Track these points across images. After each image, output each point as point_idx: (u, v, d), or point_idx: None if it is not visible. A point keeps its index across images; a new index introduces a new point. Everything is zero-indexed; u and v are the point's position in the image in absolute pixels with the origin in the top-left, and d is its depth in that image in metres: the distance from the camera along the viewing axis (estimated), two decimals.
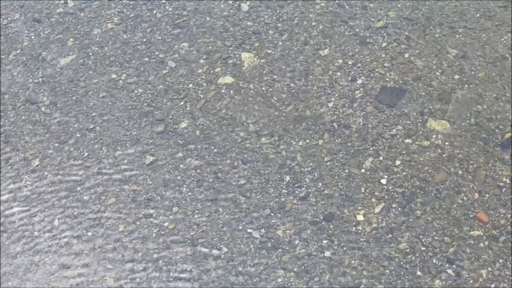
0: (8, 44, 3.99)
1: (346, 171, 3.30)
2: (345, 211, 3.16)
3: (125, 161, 3.40)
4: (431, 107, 3.48)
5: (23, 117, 3.60)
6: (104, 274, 2.98)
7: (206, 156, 3.41)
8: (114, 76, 3.79)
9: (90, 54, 3.91)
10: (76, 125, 3.56)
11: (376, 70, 3.70)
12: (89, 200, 3.25)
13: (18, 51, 3.95)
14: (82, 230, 3.13)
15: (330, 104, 3.57)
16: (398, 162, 3.30)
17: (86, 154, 3.44)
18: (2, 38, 4.06)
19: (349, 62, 3.75)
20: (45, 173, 3.36)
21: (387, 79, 3.65)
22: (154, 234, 3.12)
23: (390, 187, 3.22)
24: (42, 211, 3.20)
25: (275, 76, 3.73)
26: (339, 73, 3.71)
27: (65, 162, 3.40)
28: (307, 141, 3.43)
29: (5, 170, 3.36)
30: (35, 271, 2.98)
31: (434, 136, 3.37)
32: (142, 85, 3.73)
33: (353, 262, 2.99)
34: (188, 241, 3.09)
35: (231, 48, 3.88)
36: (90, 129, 3.55)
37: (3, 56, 3.91)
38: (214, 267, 2.99)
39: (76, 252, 3.05)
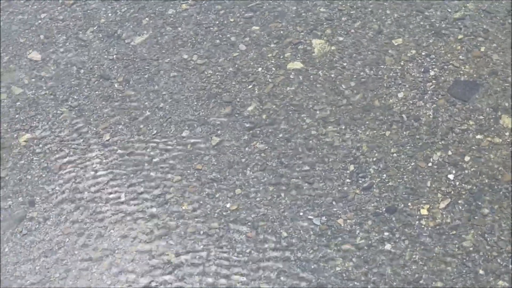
0: (85, 21, 4.10)
1: (413, 164, 3.25)
2: (409, 204, 3.11)
3: (191, 141, 3.45)
4: (505, 104, 3.37)
5: (96, 92, 3.71)
6: (166, 249, 3.05)
7: (271, 141, 3.42)
8: (185, 56, 3.84)
9: (164, 33, 3.98)
10: (146, 103, 3.64)
11: (450, 62, 3.60)
12: (155, 176, 3.32)
13: (95, 28, 4.06)
14: (147, 205, 3.21)
15: (400, 95, 3.51)
16: (467, 158, 3.22)
17: (155, 131, 3.51)
18: (80, 14, 4.18)
19: (423, 53, 3.67)
20: (115, 147, 3.45)
21: (461, 72, 3.55)
22: (216, 214, 3.16)
23: (458, 183, 3.14)
24: (110, 185, 3.30)
25: (345, 64, 3.69)
26: (411, 64, 3.64)
27: (134, 138, 3.48)
28: (374, 131, 3.39)
29: (77, 143, 3.47)
30: (101, 242, 3.08)
31: (507, 133, 3.26)
32: (212, 67, 3.77)
33: (414, 256, 2.95)
34: (249, 224, 3.12)
35: (302, 33, 3.87)
36: (160, 107, 3.62)
37: (81, 32, 4.03)
38: (273, 251, 3.01)
39: (140, 226, 3.13)
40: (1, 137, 3.50)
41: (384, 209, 3.11)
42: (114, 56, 3.89)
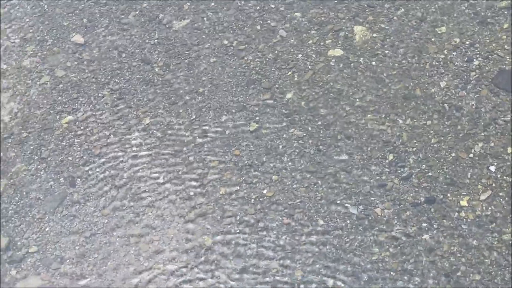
0: (128, 5, 4.13)
1: (453, 154, 3.20)
2: (449, 195, 3.07)
3: (230, 126, 3.46)
4: None
5: (137, 76, 3.74)
6: (202, 232, 3.07)
7: (309, 128, 3.40)
8: (225, 42, 3.84)
9: (205, 19, 3.98)
10: (186, 88, 3.66)
11: (495, 52, 3.52)
12: (193, 161, 3.34)
13: (137, 12, 4.09)
14: (185, 189, 3.24)
15: (443, 84, 3.45)
16: (510, 150, 3.15)
17: (194, 116, 3.53)
18: None
19: (467, 42, 3.60)
20: (154, 131, 3.49)
21: (506, 62, 3.47)
22: (252, 200, 3.17)
23: (499, 175, 3.08)
24: (149, 168, 3.33)
25: (387, 52, 3.64)
26: (454, 53, 3.57)
27: (173, 122, 3.51)
28: (415, 120, 3.35)
29: (118, 126, 3.52)
30: (138, 223, 3.13)
31: None
32: (252, 53, 3.77)
33: (452, 248, 2.91)
34: (286, 210, 3.12)
35: (343, 20, 3.83)
36: (199, 92, 3.63)
37: (123, 16, 4.07)
38: (309, 238, 3.01)
39: (177, 209, 3.16)
40: (43, 118, 3.57)
41: (423, 200, 3.08)
42: (155, 40, 3.91)
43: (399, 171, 3.19)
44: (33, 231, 3.11)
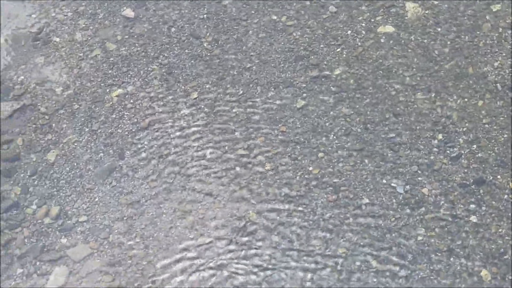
0: None
1: (505, 136, 3.12)
2: (498, 177, 3.00)
3: (277, 102, 3.46)
4: None
5: (186, 50, 3.76)
6: (248, 208, 3.09)
7: (357, 106, 3.37)
8: (274, 17, 3.82)
9: None
10: (234, 63, 3.66)
11: None
12: (240, 136, 3.36)
13: None
14: (231, 164, 3.26)
15: (496, 64, 3.36)
16: None
17: (241, 92, 3.53)
18: None
19: None
20: (202, 106, 3.51)
21: None
22: (298, 177, 3.17)
23: None
24: (196, 142, 3.36)
25: (439, 29, 3.56)
26: (509, 31, 3.47)
27: (221, 97, 3.52)
28: (466, 100, 3.27)
29: (166, 100, 3.55)
30: (184, 196, 3.17)
31: None
32: (301, 29, 3.74)
33: (500, 230, 2.86)
34: (331, 188, 3.11)
35: None
36: (247, 68, 3.63)
37: None
38: (353, 216, 3.00)
39: (223, 184, 3.19)
40: (94, 91, 3.64)
41: (471, 181, 3.02)
42: (205, 15, 3.92)
43: (448, 151, 3.13)
44: (83, 201, 3.19)
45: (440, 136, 3.19)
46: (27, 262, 2.99)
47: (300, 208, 3.06)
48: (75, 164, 3.33)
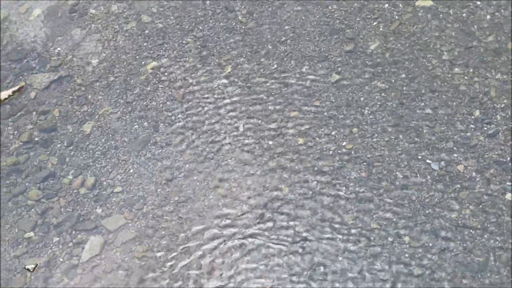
0: None
1: None
2: None
3: (311, 77, 3.43)
4: None
5: (221, 23, 3.75)
6: (280, 182, 3.10)
7: (393, 80, 3.33)
8: None
9: None
10: (269, 36, 3.64)
11: None
12: (273, 110, 3.35)
13: None
14: (264, 138, 3.26)
15: None
16: None
17: (275, 66, 3.52)
18: None
19: None
20: (236, 79, 3.51)
21: None
22: (331, 152, 3.16)
23: None
24: (229, 116, 3.37)
25: (479, 3, 3.47)
26: None
27: (255, 71, 3.51)
28: (505, 76, 3.20)
29: (200, 73, 3.56)
30: (217, 169, 3.19)
31: None
32: (336, 2, 3.69)
33: None
34: (364, 163, 3.09)
35: None
36: (282, 41, 3.61)
37: None
38: (386, 192, 2.98)
39: (256, 158, 3.20)
40: (129, 64, 3.66)
41: (508, 158, 2.97)
42: None
43: (485, 128, 3.08)
44: (118, 172, 3.23)
45: (477, 112, 3.14)
46: (63, 231, 3.05)
47: (332, 183, 3.05)
48: (111, 135, 3.38)
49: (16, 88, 3.60)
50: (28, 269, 2.94)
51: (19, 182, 3.23)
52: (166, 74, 3.59)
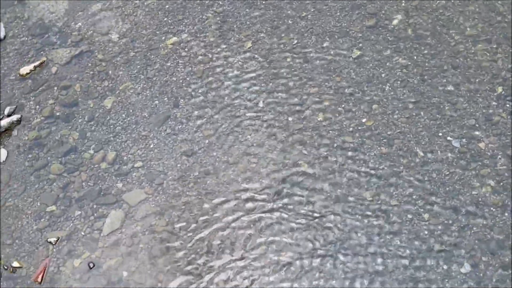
0: None
1: None
2: None
3: (332, 52, 3.41)
4: None
5: None
6: (300, 158, 3.10)
7: (415, 57, 3.29)
8: None
9: None
10: (289, 12, 3.61)
11: None
12: (293, 86, 3.34)
13: None
14: (284, 114, 3.26)
15: None
16: None
17: (296, 41, 3.50)
18: None
19: None
20: (255, 55, 3.49)
21: None
22: (351, 128, 3.15)
23: None
24: (249, 91, 3.36)
25: None
26: None
27: (275, 47, 3.50)
28: None
29: (220, 49, 3.55)
30: (237, 145, 3.19)
31: None
32: None
33: None
34: (385, 140, 3.08)
35: None
36: (302, 17, 3.58)
37: None
38: (406, 169, 2.97)
39: (275, 134, 3.19)
40: (149, 39, 3.66)
41: None
42: None
43: (508, 105, 3.04)
44: (138, 147, 3.25)
45: (499, 89, 3.10)
46: (85, 205, 3.09)
47: (352, 159, 3.05)
48: (131, 111, 3.39)
49: (37, 63, 3.62)
50: (50, 242, 2.99)
51: (41, 157, 3.27)
52: (186, 49, 3.58)
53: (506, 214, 2.77)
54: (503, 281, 2.63)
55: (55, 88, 3.52)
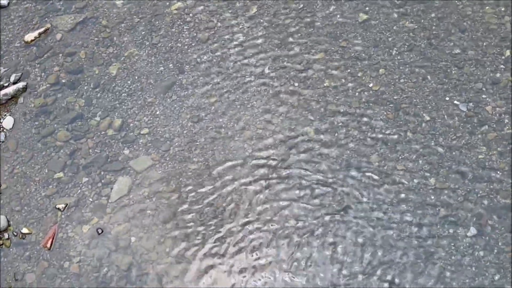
0: None
1: None
2: None
3: (338, 16, 3.38)
4: None
5: None
6: (305, 125, 3.09)
7: (422, 20, 3.26)
8: None
9: None
10: None
11: None
12: (298, 52, 3.32)
13: None
14: (290, 80, 3.24)
15: None
16: None
17: (302, 5, 3.46)
18: None
19: None
20: (261, 20, 3.46)
21: None
22: (357, 93, 3.13)
23: None
24: (255, 57, 3.35)
25: None
26: None
27: (280, 11, 3.46)
28: None
29: (225, 14, 3.52)
30: (243, 112, 3.19)
31: None
32: None
33: None
34: (391, 105, 3.07)
35: None
36: None
37: None
38: (413, 134, 2.96)
39: (282, 100, 3.19)
40: (154, 4, 3.63)
41: None
42: None
43: None
44: (144, 114, 3.25)
45: (507, 52, 3.07)
46: (92, 171, 3.10)
47: (358, 124, 3.04)
48: (136, 77, 3.38)
49: (42, 30, 3.60)
50: (58, 209, 3.01)
51: (47, 124, 3.28)
52: (191, 15, 3.55)
53: (510, 180, 2.78)
54: (508, 244, 2.64)
55: (60, 55, 3.51)
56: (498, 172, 2.80)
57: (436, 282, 2.59)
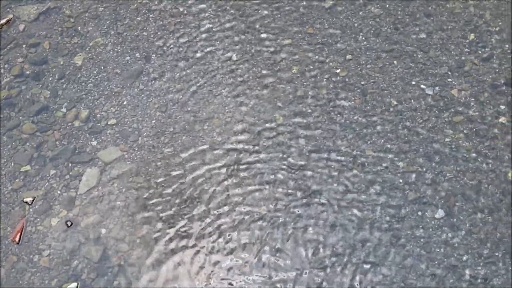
0: None
1: None
2: None
3: (305, 3, 3.38)
4: None
5: None
6: (275, 111, 3.10)
7: (388, 5, 3.28)
8: None
9: None
10: None
11: None
12: (266, 38, 3.31)
13: None
14: (257, 67, 3.24)
15: None
16: None
17: None
18: None
19: None
20: (228, 7, 3.45)
21: None
22: (325, 80, 3.14)
23: None
24: (222, 44, 3.33)
25: None
26: None
27: None
28: None
29: (191, 2, 3.49)
30: (211, 100, 3.18)
31: None
32: None
33: None
34: (358, 90, 3.08)
35: None
36: None
37: None
38: (380, 119, 2.99)
39: (250, 87, 3.18)
40: None
41: (503, 82, 2.96)
42: None
43: (480, 52, 3.06)
44: (111, 104, 3.22)
45: (472, 36, 3.11)
46: (60, 163, 3.06)
47: (326, 110, 3.05)
48: (102, 67, 3.34)
49: (3, 21, 3.53)
50: (26, 202, 2.97)
51: (12, 116, 3.22)
52: (156, 3, 3.52)
53: (479, 160, 2.82)
54: (475, 225, 2.69)
55: (24, 46, 3.45)
56: (465, 154, 2.84)
57: (404, 264, 2.62)
